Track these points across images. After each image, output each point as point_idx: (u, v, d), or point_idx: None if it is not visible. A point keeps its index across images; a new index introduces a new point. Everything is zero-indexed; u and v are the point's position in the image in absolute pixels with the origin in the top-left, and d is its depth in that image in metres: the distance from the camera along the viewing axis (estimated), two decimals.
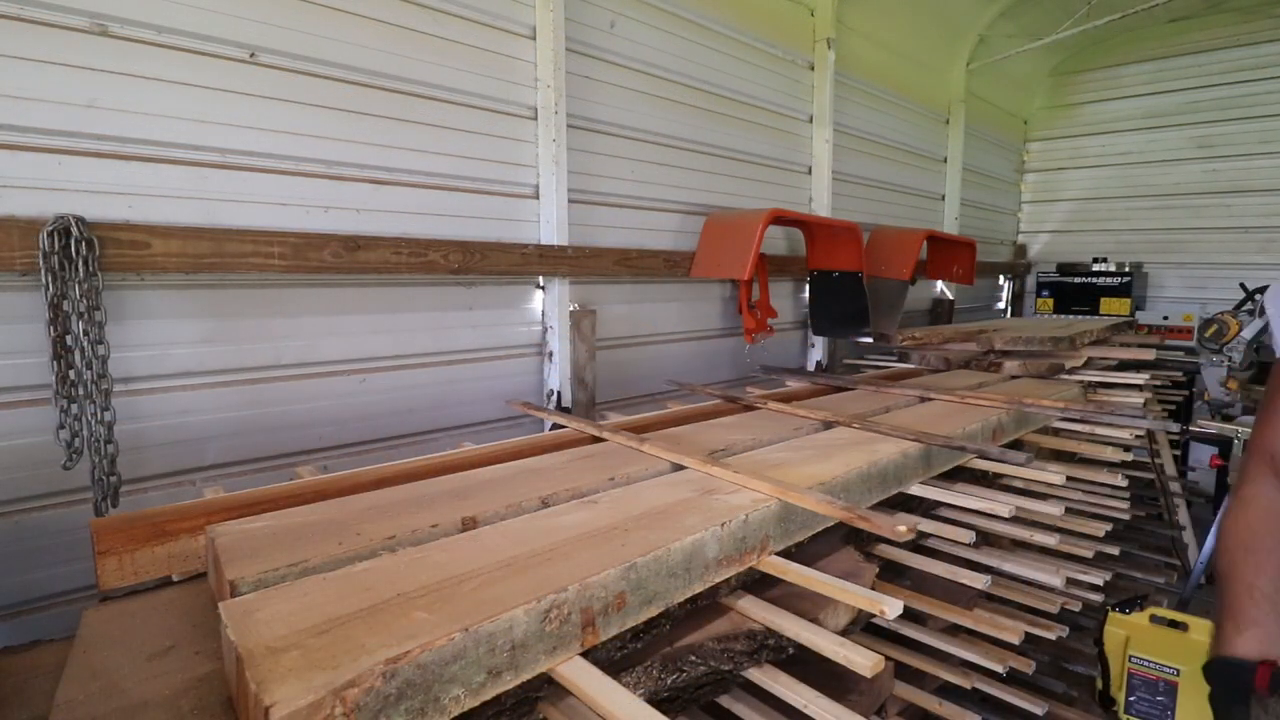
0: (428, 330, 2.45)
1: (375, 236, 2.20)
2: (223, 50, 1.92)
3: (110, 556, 1.15)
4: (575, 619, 0.98)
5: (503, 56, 2.55)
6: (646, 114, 3.10)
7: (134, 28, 1.77)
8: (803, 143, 4.03)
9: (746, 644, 1.21)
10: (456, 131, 2.44)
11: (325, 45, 2.11)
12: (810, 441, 1.86)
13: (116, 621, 1.06)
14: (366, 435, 2.27)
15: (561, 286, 2.74)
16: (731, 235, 3.17)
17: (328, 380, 2.23)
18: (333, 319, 2.22)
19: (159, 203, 1.84)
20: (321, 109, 2.12)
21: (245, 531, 1.17)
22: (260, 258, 1.96)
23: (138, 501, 1.84)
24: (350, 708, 0.75)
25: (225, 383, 2.02)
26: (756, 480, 1.41)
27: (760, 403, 2.30)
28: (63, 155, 1.70)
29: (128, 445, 1.79)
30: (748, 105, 3.62)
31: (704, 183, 3.42)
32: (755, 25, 3.60)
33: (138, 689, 0.89)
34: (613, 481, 1.49)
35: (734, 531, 1.25)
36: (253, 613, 0.89)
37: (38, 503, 1.74)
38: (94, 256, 1.66)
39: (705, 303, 3.57)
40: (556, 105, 2.63)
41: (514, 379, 2.73)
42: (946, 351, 3.43)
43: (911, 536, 1.37)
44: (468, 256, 2.41)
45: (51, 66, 1.67)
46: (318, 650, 0.81)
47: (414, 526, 1.21)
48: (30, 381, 1.69)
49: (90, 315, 1.68)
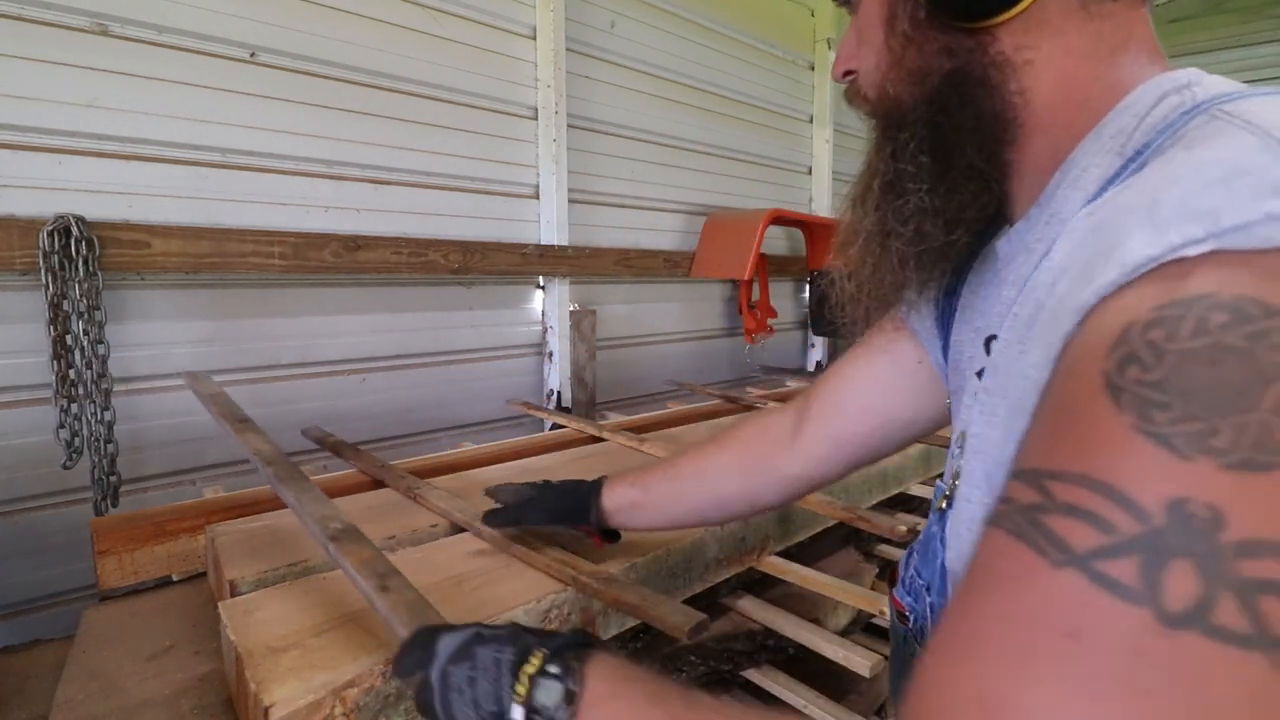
0: (428, 330, 2.45)
1: (375, 236, 2.20)
2: (223, 50, 1.92)
3: (110, 556, 1.15)
4: (575, 619, 0.98)
5: (503, 56, 2.55)
6: (646, 114, 3.10)
7: (134, 27, 1.77)
8: (803, 143, 4.03)
9: (746, 644, 1.21)
10: (457, 131, 2.44)
11: (325, 45, 2.11)
12: None
13: (116, 621, 1.06)
14: (366, 435, 2.26)
15: (561, 286, 2.74)
16: (731, 235, 3.17)
17: (328, 380, 2.23)
18: (333, 319, 2.22)
19: (159, 202, 1.84)
20: (322, 109, 2.12)
21: (245, 531, 1.17)
22: (260, 257, 1.96)
23: (138, 501, 1.84)
24: (350, 708, 0.75)
25: (225, 382, 2.00)
26: None
27: (760, 403, 2.30)
28: (63, 155, 1.70)
29: (128, 445, 1.78)
30: (748, 105, 3.62)
31: (704, 183, 3.42)
32: (755, 25, 3.60)
33: (137, 689, 0.89)
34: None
35: (734, 531, 1.25)
36: (253, 612, 0.89)
37: (37, 502, 1.73)
38: (94, 256, 1.66)
39: (705, 303, 3.57)
40: (557, 105, 2.63)
41: (514, 379, 2.73)
42: None
43: (912, 538, 1.37)
44: (468, 256, 2.41)
45: (51, 66, 1.67)
46: (318, 650, 0.81)
47: (414, 526, 1.21)
48: (30, 381, 1.69)
49: (90, 314, 1.68)
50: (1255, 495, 0.27)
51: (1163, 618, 0.27)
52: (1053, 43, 0.46)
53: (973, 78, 0.48)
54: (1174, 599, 0.27)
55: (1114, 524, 0.29)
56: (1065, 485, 0.31)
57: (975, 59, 0.48)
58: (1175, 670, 0.27)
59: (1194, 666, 0.27)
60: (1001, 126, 0.48)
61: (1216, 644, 0.26)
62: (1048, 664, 0.29)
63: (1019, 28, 0.47)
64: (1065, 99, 0.47)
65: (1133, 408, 0.30)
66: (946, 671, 0.32)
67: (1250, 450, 0.28)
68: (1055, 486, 0.32)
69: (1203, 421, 0.28)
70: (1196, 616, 0.27)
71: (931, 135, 0.50)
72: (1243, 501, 0.27)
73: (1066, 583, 0.30)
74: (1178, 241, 0.31)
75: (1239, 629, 0.26)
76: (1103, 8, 0.46)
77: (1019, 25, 0.47)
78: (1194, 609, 0.27)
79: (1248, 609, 0.26)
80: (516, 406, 2.43)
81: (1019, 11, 0.46)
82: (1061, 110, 0.47)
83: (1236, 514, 0.27)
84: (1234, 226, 0.31)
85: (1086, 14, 0.46)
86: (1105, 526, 0.29)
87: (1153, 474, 0.29)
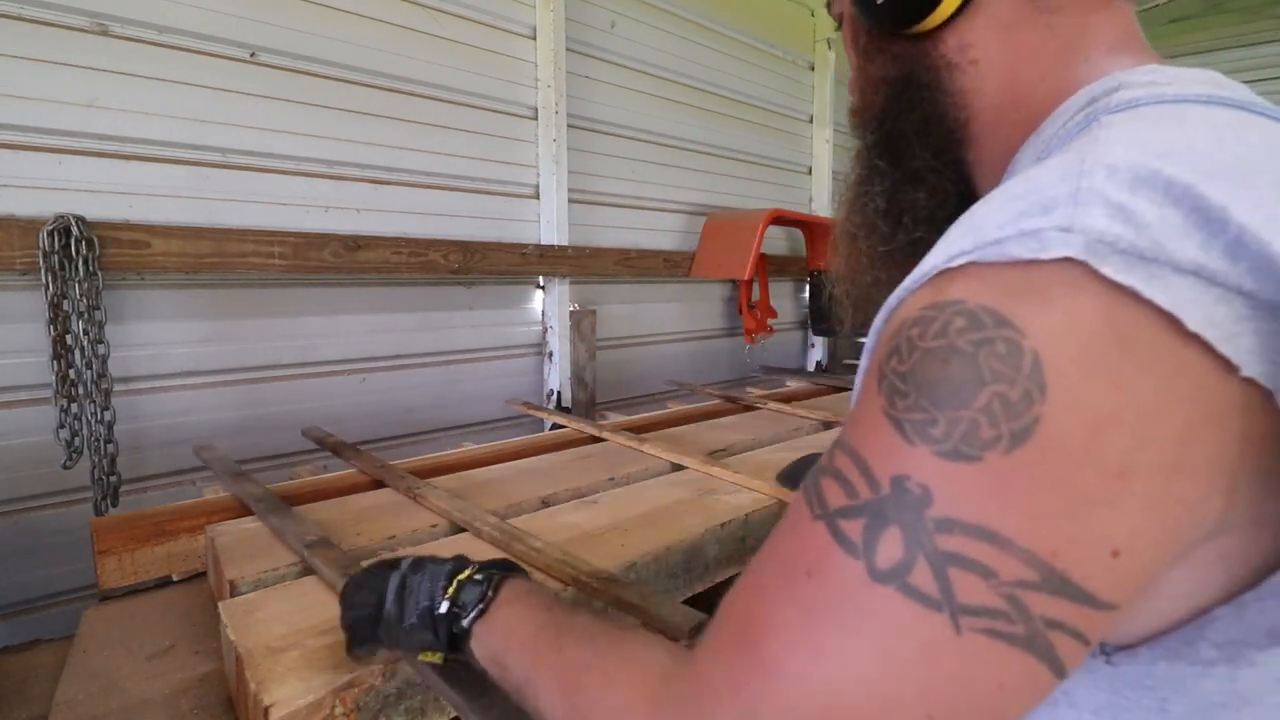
0: (428, 330, 2.45)
1: (375, 236, 2.20)
2: (223, 50, 1.92)
3: (110, 556, 1.15)
4: None
5: (503, 56, 2.55)
6: (647, 114, 3.10)
7: (134, 27, 1.77)
8: (803, 143, 4.03)
9: None
10: (457, 131, 2.44)
11: (325, 45, 2.11)
12: (810, 442, 1.86)
13: (116, 621, 1.06)
14: (367, 435, 2.26)
15: (561, 286, 2.74)
16: (731, 235, 3.17)
17: (328, 380, 2.23)
18: (333, 319, 2.22)
19: (159, 202, 1.84)
20: (322, 109, 2.12)
21: (245, 531, 1.17)
22: (260, 257, 1.96)
23: (138, 501, 1.84)
24: (350, 708, 0.75)
25: (225, 382, 2.02)
26: (757, 480, 1.41)
27: (760, 403, 2.30)
28: (63, 155, 1.70)
29: (127, 445, 1.78)
30: (748, 105, 3.62)
31: (704, 183, 3.42)
32: (755, 25, 3.60)
33: (137, 689, 0.89)
34: (613, 481, 1.49)
35: (734, 532, 1.25)
36: (252, 612, 0.89)
37: (37, 502, 1.73)
38: (94, 256, 1.66)
39: (705, 303, 3.57)
40: (557, 105, 2.63)
41: (514, 379, 2.73)
42: None
43: None
44: (468, 256, 2.41)
45: (51, 66, 1.67)
46: (318, 650, 0.81)
47: (413, 526, 1.21)
48: (30, 381, 1.69)
49: (90, 314, 1.68)
50: (958, 481, 0.31)
51: (872, 572, 0.32)
52: (1000, 41, 0.46)
53: (917, 82, 0.49)
54: (883, 558, 0.32)
55: (856, 489, 0.34)
56: (839, 452, 0.36)
57: (919, 64, 0.49)
58: (873, 617, 0.32)
59: (888, 617, 0.32)
60: (948, 128, 0.49)
61: (909, 601, 0.31)
62: (789, 595, 0.35)
63: (964, 29, 0.47)
64: (1012, 99, 0.46)
65: (886, 393, 0.34)
66: (733, 593, 0.39)
67: (958, 442, 0.31)
68: (835, 453, 0.37)
69: (927, 412, 0.32)
70: (897, 575, 0.32)
71: (885, 139, 0.52)
72: (947, 485, 0.31)
73: (815, 532, 0.35)
74: (953, 253, 0.34)
75: (928, 592, 0.31)
76: (1052, 2, 0.45)
77: (964, 26, 0.47)
78: (896, 569, 0.32)
79: (938, 576, 0.31)
80: (516, 406, 2.43)
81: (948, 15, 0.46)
82: (1009, 110, 0.47)
83: (940, 495, 0.31)
84: (991, 241, 0.33)
85: (1034, 8, 0.45)
86: (850, 491, 0.34)
87: (887, 451, 0.33)
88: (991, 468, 0.30)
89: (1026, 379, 0.30)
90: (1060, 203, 0.32)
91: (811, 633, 0.33)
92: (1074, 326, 0.30)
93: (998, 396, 0.30)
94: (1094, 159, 0.33)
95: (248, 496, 1.29)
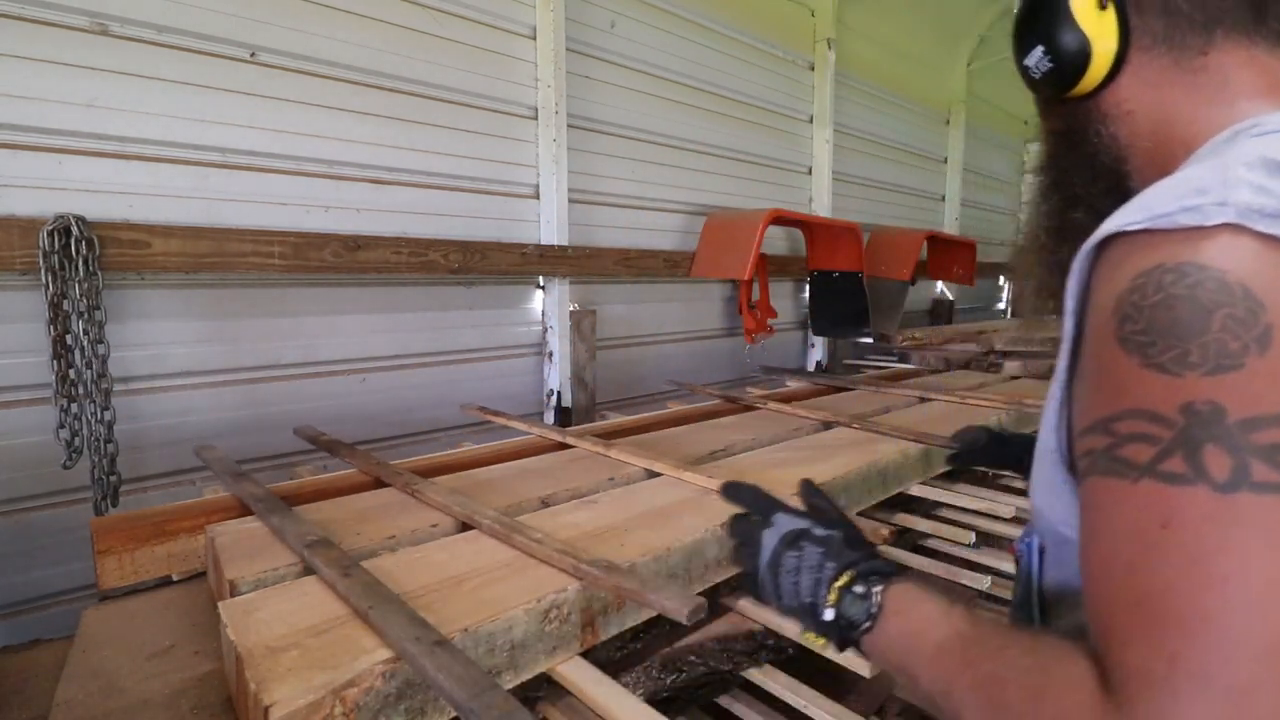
0: (428, 330, 2.45)
1: (375, 236, 2.20)
2: (223, 50, 1.92)
3: (110, 556, 1.15)
4: (575, 619, 0.98)
5: (503, 56, 2.55)
6: (646, 114, 3.10)
7: (134, 27, 1.77)
8: (803, 143, 4.03)
9: (746, 644, 1.21)
10: (457, 131, 2.44)
11: (325, 45, 2.11)
12: (810, 442, 1.86)
13: (116, 621, 1.06)
14: (367, 435, 2.26)
15: (561, 286, 2.74)
16: (731, 235, 3.17)
17: (328, 380, 2.23)
18: (333, 319, 2.22)
19: (159, 202, 1.84)
20: (322, 109, 2.12)
21: (245, 531, 1.17)
22: (260, 257, 1.96)
23: (138, 501, 1.84)
24: (350, 707, 0.75)
25: (225, 382, 2.02)
26: None
27: (760, 403, 2.29)
28: (63, 155, 1.70)
29: (127, 445, 1.78)
30: (748, 105, 3.62)
31: (704, 183, 3.42)
32: (755, 25, 3.60)
33: (137, 689, 0.89)
34: (613, 481, 1.49)
35: None
36: (252, 612, 0.89)
37: (37, 502, 1.74)
38: (94, 256, 1.66)
39: (705, 303, 3.57)
40: (557, 105, 2.63)
41: (514, 379, 2.73)
42: (947, 352, 3.43)
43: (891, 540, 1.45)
44: (468, 256, 2.41)
45: (52, 66, 1.67)
46: (317, 650, 0.81)
47: (414, 526, 1.21)
48: (30, 381, 1.69)
49: (90, 314, 1.68)
50: (1236, 387, 0.38)
51: (1217, 487, 0.37)
52: (1151, 97, 0.58)
53: (1079, 131, 0.63)
54: (1217, 471, 0.37)
55: (1157, 436, 0.40)
56: (1119, 421, 0.42)
57: (1079, 119, 0.63)
58: (1240, 523, 0.36)
59: (1252, 516, 0.36)
60: (1105, 164, 0.62)
61: (1262, 496, 0.36)
62: (1160, 556, 0.38)
63: (1117, 89, 0.59)
64: (1165, 139, 0.58)
65: (1135, 350, 0.41)
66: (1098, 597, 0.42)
67: (1216, 359, 0.39)
68: (1115, 425, 0.42)
69: (1177, 348, 0.40)
70: (1239, 481, 0.37)
71: (1054, 172, 0.67)
72: (1230, 394, 0.38)
73: (1144, 490, 0.40)
74: (1127, 220, 0.45)
75: (1274, 480, 0.36)
76: (1194, 63, 0.56)
77: (1116, 87, 0.59)
78: (1235, 476, 0.37)
79: (1274, 465, 0.37)
80: (471, 412, 2.14)
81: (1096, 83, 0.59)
82: (1163, 147, 0.58)
83: (1230, 403, 0.38)
84: (1160, 214, 0.43)
85: (1179, 70, 0.57)
86: (1150, 439, 0.40)
87: (1163, 391, 0.40)
88: (1257, 368, 0.38)
89: (1243, 300, 0.39)
90: (1213, 186, 0.42)
91: (1203, 569, 0.36)
92: (1259, 260, 0.40)
93: (1228, 316, 0.39)
94: (1233, 158, 0.44)
95: (248, 496, 1.28)
